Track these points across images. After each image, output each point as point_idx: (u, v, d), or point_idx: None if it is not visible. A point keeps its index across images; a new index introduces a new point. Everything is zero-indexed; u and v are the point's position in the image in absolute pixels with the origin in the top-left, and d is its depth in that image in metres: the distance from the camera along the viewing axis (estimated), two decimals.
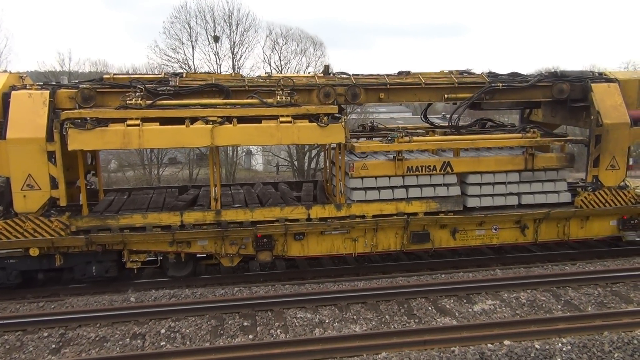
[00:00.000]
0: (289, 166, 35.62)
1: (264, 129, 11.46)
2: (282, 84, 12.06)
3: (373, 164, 12.49)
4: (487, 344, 8.65)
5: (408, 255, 14.03)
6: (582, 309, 10.25)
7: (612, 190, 13.29)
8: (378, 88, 12.78)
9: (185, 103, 11.59)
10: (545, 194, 13.30)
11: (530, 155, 12.95)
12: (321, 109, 11.88)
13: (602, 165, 13.18)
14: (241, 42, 35.00)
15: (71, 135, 10.74)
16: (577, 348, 8.52)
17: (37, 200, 11.14)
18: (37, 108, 11.04)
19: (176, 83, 12.00)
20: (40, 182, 11.08)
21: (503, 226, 13.06)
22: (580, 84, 13.30)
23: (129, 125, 10.97)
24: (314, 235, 12.37)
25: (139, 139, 11.01)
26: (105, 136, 10.91)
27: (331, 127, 11.63)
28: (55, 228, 11.31)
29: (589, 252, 14.25)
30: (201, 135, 11.20)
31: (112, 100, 11.69)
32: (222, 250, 12.06)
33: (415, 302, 10.59)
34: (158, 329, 9.54)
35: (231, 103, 11.73)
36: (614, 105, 13.01)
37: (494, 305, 10.42)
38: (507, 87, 13.10)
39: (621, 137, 13.04)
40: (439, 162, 12.65)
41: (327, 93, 12.31)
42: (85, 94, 11.46)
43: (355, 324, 9.68)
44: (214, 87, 12.06)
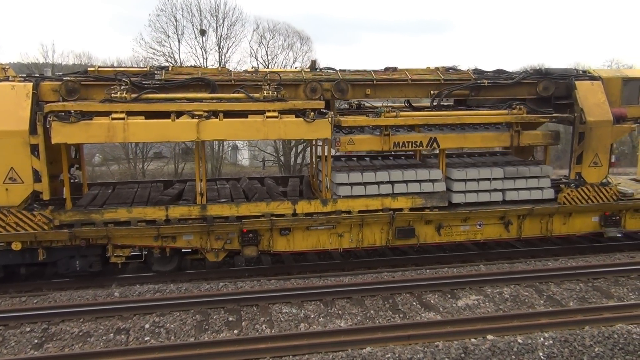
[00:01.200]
0: (275, 161, 35.55)
1: (250, 123, 11.40)
2: (268, 78, 12.02)
3: (360, 139, 12.48)
4: (471, 339, 8.74)
5: (393, 250, 14.09)
6: (564, 304, 10.40)
7: (595, 186, 13.44)
8: (365, 84, 12.79)
9: (171, 97, 11.51)
10: (529, 190, 13.44)
11: (516, 132, 13.01)
12: (308, 104, 11.85)
13: (585, 162, 13.33)
14: (228, 36, 34.79)
15: (55, 128, 10.61)
16: (559, 342, 8.64)
17: (20, 193, 11.01)
18: (20, 100, 10.88)
19: (162, 77, 11.92)
20: (23, 176, 10.94)
21: (487, 222, 13.17)
22: (565, 82, 13.46)
23: (114, 118, 10.85)
24: (300, 231, 12.38)
25: (124, 133, 10.87)
26: (89, 129, 10.77)
27: (317, 123, 11.60)
28: (38, 222, 11.17)
29: (571, 248, 14.47)
30: (187, 130, 11.11)
31: (96, 93, 11.57)
32: (208, 245, 12.02)
33: (400, 297, 10.67)
34: (142, 324, 9.50)
35: (217, 97, 11.68)
36: (597, 103, 13.17)
37: (477, 300, 10.52)
38: (493, 84, 13.20)
39: (604, 135, 13.19)
40: (426, 138, 12.67)
41: (313, 88, 12.31)
42: (69, 87, 11.34)
43: (340, 319, 9.72)
44: (200, 81, 11.99)
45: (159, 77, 11.89)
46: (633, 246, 14.48)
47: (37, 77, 11.82)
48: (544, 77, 13.50)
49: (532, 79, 13.49)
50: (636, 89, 13.86)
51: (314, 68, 13.34)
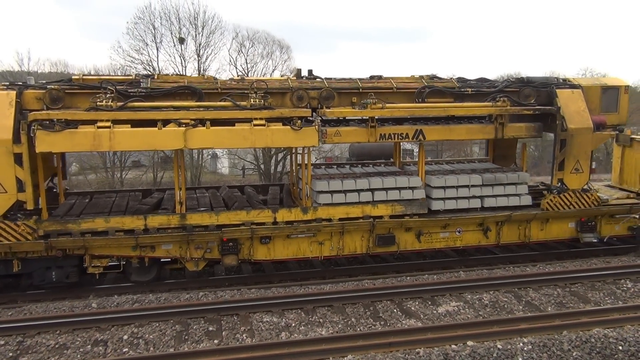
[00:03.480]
0: (256, 169, 35.44)
1: (237, 131, 11.35)
2: (255, 87, 12.00)
3: (346, 131, 12.51)
4: (451, 345, 8.78)
5: (374, 258, 14.12)
6: (542, 309, 10.52)
7: (577, 193, 13.67)
8: (351, 92, 12.83)
9: (157, 105, 11.40)
10: (506, 197, 13.61)
11: (500, 125, 13.17)
12: (295, 112, 11.86)
13: (567, 168, 13.54)
14: (207, 44, 34.71)
15: (39, 137, 10.44)
16: (538, 347, 8.73)
17: (3, 203, 10.83)
18: (3, 109, 10.72)
19: (148, 85, 11.79)
20: (6, 185, 10.76)
21: (466, 229, 13.30)
22: (546, 90, 13.68)
23: (100, 127, 10.72)
24: (281, 239, 12.34)
25: (110, 142, 10.75)
26: (74, 138, 10.63)
27: (305, 131, 11.63)
28: (22, 232, 10.97)
29: (548, 253, 14.66)
30: (174, 138, 11.01)
31: (81, 102, 11.41)
32: (187, 255, 11.92)
33: (381, 304, 10.69)
34: (121, 335, 9.35)
35: (204, 105, 11.62)
36: (578, 111, 13.40)
37: (457, 306, 10.59)
38: (476, 92, 13.36)
39: (585, 142, 13.43)
40: (412, 130, 12.76)
41: (300, 96, 12.31)
42: (53, 95, 11.17)
43: (321, 327, 9.70)
44: (187, 89, 11.92)
45: (145, 86, 11.75)
46: (608, 251, 14.73)
47: (21, 85, 11.65)
48: (526, 85, 13.69)
49: (514, 87, 13.66)
50: (614, 97, 14.15)
51: (300, 76, 13.34)
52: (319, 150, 32.71)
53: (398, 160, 14.88)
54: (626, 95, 14.29)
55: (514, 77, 14.78)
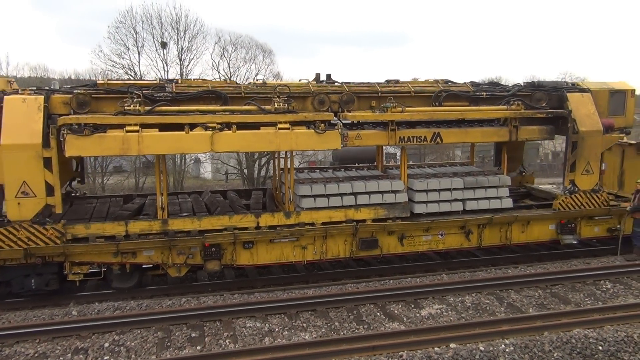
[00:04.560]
0: (239, 174, 35.34)
1: (262, 135, 11.49)
2: (278, 91, 12.11)
3: (367, 134, 12.68)
4: (434, 348, 8.80)
5: (357, 261, 14.14)
6: (523, 310, 10.60)
7: (587, 193, 13.96)
8: (370, 96, 13.02)
9: (184, 109, 11.50)
10: (488, 200, 13.73)
11: (514, 128, 13.44)
12: (318, 116, 12.01)
13: (578, 170, 13.84)
14: (189, 48, 34.63)
15: (69, 141, 10.49)
16: (519, 349, 8.80)
17: (32, 207, 10.84)
18: (32, 113, 10.74)
19: (172, 89, 11.87)
20: (36, 189, 10.79)
21: (449, 232, 13.38)
22: (557, 94, 13.99)
23: (128, 131, 10.79)
24: (263, 244, 12.30)
25: (139, 145, 10.85)
26: (103, 142, 10.72)
27: (328, 134, 11.80)
28: (50, 236, 10.98)
29: (530, 255, 14.81)
30: (201, 142, 11.16)
31: (107, 106, 11.47)
32: (169, 260, 11.82)
33: (365, 308, 10.69)
34: (101, 343, 9.22)
35: (230, 110, 11.71)
36: (588, 114, 13.72)
37: (440, 309, 10.63)
38: (490, 95, 13.64)
39: (595, 144, 13.76)
40: (430, 133, 12.97)
41: (321, 100, 12.43)
42: (80, 100, 11.18)
43: (305, 332, 9.67)
44: (212, 93, 12.00)
45: (170, 90, 11.85)
46: (588, 253, 14.93)
47: (47, 90, 11.65)
48: (537, 89, 14.02)
49: (526, 91, 14.00)
50: (622, 101, 14.51)
51: (319, 80, 13.49)
52: (303, 155, 32.73)
53: (381, 164, 14.94)
54: (632, 99, 14.73)
55: (525, 82, 15.17)
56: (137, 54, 33.46)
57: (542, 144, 44.33)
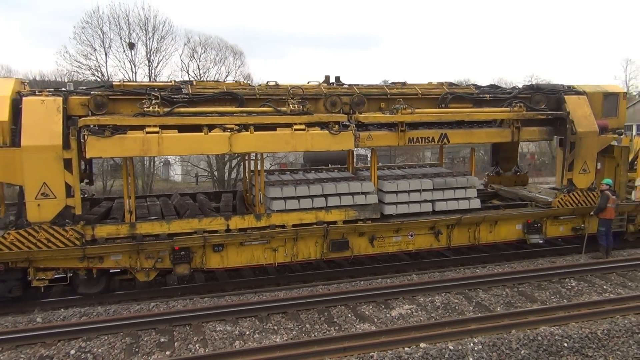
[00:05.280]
0: (209, 176, 35.03)
1: (279, 136, 11.69)
2: (292, 93, 12.33)
3: (378, 135, 12.99)
4: (405, 348, 8.87)
5: (328, 263, 14.17)
6: (491, 309, 10.77)
7: (584, 191, 14.45)
8: (379, 98, 13.35)
9: (202, 111, 11.60)
10: (457, 201, 13.90)
11: (516, 129, 13.91)
12: (332, 117, 12.31)
13: (576, 169, 14.35)
14: (158, 49, 34.21)
15: (90, 142, 10.51)
16: (488, 347, 8.94)
17: (52, 209, 10.80)
18: (52, 115, 10.69)
19: (189, 91, 11.96)
20: (56, 191, 10.75)
21: (418, 232, 13.50)
22: (555, 96, 14.48)
23: (148, 132, 10.86)
24: (234, 246, 12.21)
25: (159, 146, 10.93)
26: (124, 143, 10.75)
27: (342, 135, 12.05)
28: (70, 237, 10.93)
29: (497, 255, 15.06)
30: (219, 143, 11.31)
31: (123, 108, 11.52)
32: (138, 265, 11.62)
33: (336, 309, 10.71)
34: (67, 350, 9.02)
35: (247, 111, 11.88)
36: (585, 115, 14.27)
37: (410, 309, 10.72)
38: (494, 97, 14.11)
39: (591, 144, 14.31)
40: (437, 134, 13.36)
41: (333, 102, 12.70)
42: (98, 101, 11.20)
43: (276, 335, 9.64)
44: (228, 95, 12.15)
45: (186, 92, 11.94)
46: (554, 251, 15.27)
47: (65, 91, 11.61)
48: (536, 92, 14.52)
49: (526, 93, 14.50)
50: (615, 103, 15.11)
51: (329, 82, 13.73)
52: (273, 156, 32.64)
53: (351, 165, 15.00)
54: (624, 101, 15.41)
55: (524, 85, 15.68)
56: (104, 55, 32.93)
57: None
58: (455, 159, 42.94)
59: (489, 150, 18.60)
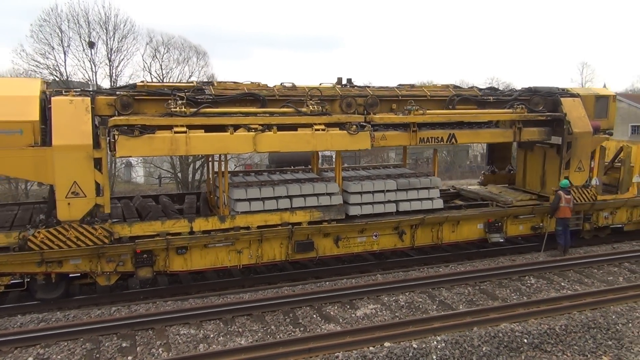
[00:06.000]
0: (172, 178, 34.54)
1: (300, 136, 12.08)
2: (310, 94, 12.66)
3: (391, 135, 13.44)
4: (369, 347, 8.94)
5: (293, 264, 14.15)
6: (454, 307, 10.96)
7: (579, 188, 15.09)
8: (391, 99, 13.70)
9: (227, 111, 11.83)
10: (420, 201, 14.09)
11: (518, 129, 14.48)
12: (350, 118, 12.74)
13: (572, 167, 14.99)
14: (119, 49, 33.59)
15: (120, 142, 10.72)
16: (450, 344, 9.09)
17: (82, 207, 10.88)
18: (81, 114, 10.76)
19: (211, 92, 12.13)
20: (86, 189, 10.83)
21: (383, 233, 13.62)
22: (552, 98, 15.09)
23: (176, 132, 11.09)
24: (198, 249, 12.08)
25: (186, 146, 11.18)
26: (153, 143, 10.97)
27: (360, 135, 12.52)
28: (99, 236, 11.02)
29: (460, 254, 15.31)
30: (244, 142, 11.60)
31: (148, 108, 11.62)
32: (98, 269, 11.37)
33: (301, 310, 10.71)
34: (25, 357, 8.76)
35: (269, 112, 12.18)
36: (580, 117, 14.91)
37: (375, 309, 10.81)
38: (496, 99, 14.73)
39: (586, 144, 15.00)
40: (446, 134, 13.86)
41: (349, 103, 13.00)
42: (124, 101, 11.26)
43: (240, 337, 9.57)
44: (251, 96, 12.34)
45: (209, 93, 12.09)
46: (514, 250, 15.64)
47: (91, 91, 11.72)
48: (535, 94, 15.11)
49: (525, 96, 15.06)
50: (605, 105, 15.87)
51: (341, 84, 14.03)
52: (238, 158, 32.43)
53: (316, 166, 15.02)
54: (614, 103, 16.20)
55: (523, 88, 16.14)
56: (62, 54, 32.11)
57: (472, 146, 45.98)
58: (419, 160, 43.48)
59: (451, 151, 18.97)
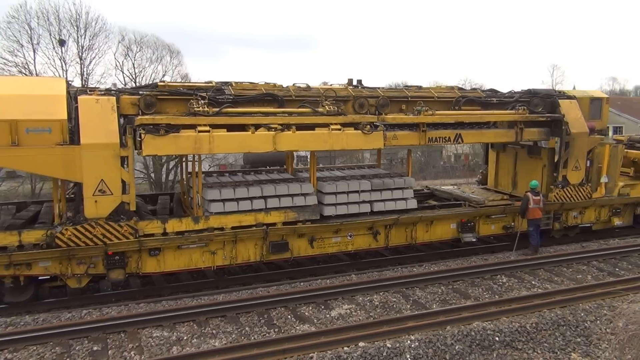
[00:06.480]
0: (145, 178, 34.10)
1: (318, 135, 12.42)
2: (325, 95, 13.02)
3: (402, 135, 13.75)
4: (344, 347, 8.97)
5: (268, 265, 14.10)
6: (427, 307, 11.06)
7: (576, 186, 15.64)
8: (400, 100, 14.02)
9: (248, 111, 12.12)
10: (394, 201, 14.18)
11: (519, 130, 14.95)
12: (364, 118, 13.14)
13: (569, 166, 15.55)
14: (90, 47, 33.05)
15: (147, 141, 10.94)
16: (424, 343, 9.17)
17: (108, 205, 11.02)
18: (107, 114, 10.92)
19: (231, 92, 12.34)
20: (112, 187, 10.97)
21: (357, 233, 13.67)
22: (550, 100, 15.60)
23: (200, 131, 11.32)
24: (171, 250, 11.94)
25: (210, 145, 11.42)
26: (178, 142, 11.23)
27: (374, 135, 12.92)
28: (124, 233, 11.16)
29: (433, 254, 15.45)
30: (265, 141, 11.90)
31: (169, 107, 11.82)
32: (69, 271, 11.15)
33: (275, 311, 10.69)
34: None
35: (288, 112, 12.46)
36: (576, 118, 15.48)
37: (349, 309, 10.85)
38: (499, 101, 15.19)
39: (583, 144, 15.56)
40: (453, 134, 14.30)
41: (361, 104, 13.34)
42: (148, 101, 11.41)
43: (214, 339, 9.51)
44: (269, 96, 12.57)
45: (229, 93, 12.29)
46: (486, 249, 15.85)
47: (115, 91, 11.86)
48: (534, 96, 15.59)
49: (526, 97, 15.54)
50: (599, 107, 16.57)
51: (352, 85, 14.26)
52: (212, 158, 32.18)
53: (290, 167, 15.01)
54: (607, 105, 16.92)
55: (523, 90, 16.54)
56: (32, 52, 31.47)
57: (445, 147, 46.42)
58: (393, 160, 43.73)
59: (425, 152, 19.18)
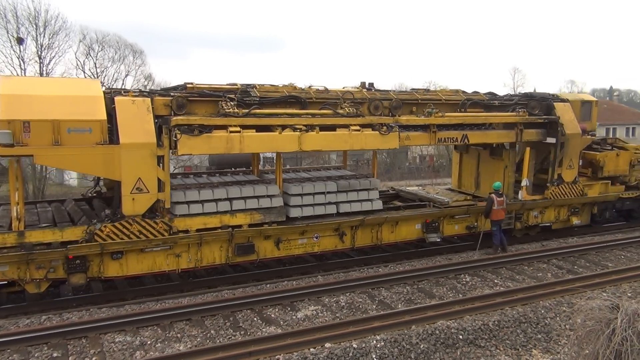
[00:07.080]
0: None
1: (340, 136, 12.96)
2: (343, 97, 13.58)
3: (414, 135, 14.52)
4: (310, 349, 8.98)
5: (234, 267, 13.98)
6: (393, 306, 11.16)
7: (569, 184, 16.56)
8: (411, 102, 14.69)
9: (274, 112, 12.56)
10: (360, 203, 14.26)
11: (520, 131, 15.72)
12: (381, 120, 13.71)
13: (564, 165, 16.44)
14: (50, 45, 32.23)
15: (182, 141, 11.32)
16: (390, 343, 9.25)
17: (145, 202, 11.42)
18: (143, 114, 11.31)
19: (256, 94, 12.79)
20: (149, 185, 11.37)
21: (323, 234, 13.70)
22: (546, 103, 16.50)
23: (231, 131, 11.74)
24: (134, 253, 11.73)
25: (240, 144, 11.86)
26: (211, 142, 11.62)
27: (390, 135, 13.51)
28: (159, 229, 11.57)
29: (399, 254, 15.60)
30: (291, 141, 12.34)
31: (198, 108, 12.20)
32: (27, 276, 10.84)
33: (241, 314, 10.63)
34: None
35: (311, 113, 12.98)
36: (570, 120, 16.43)
37: (316, 310, 10.86)
38: (501, 103, 16.10)
39: (576, 144, 16.53)
40: (460, 135, 15.00)
41: (376, 106, 13.90)
42: (179, 102, 11.81)
43: (179, 343, 9.39)
44: (293, 98, 13.09)
45: (254, 95, 12.76)
46: (450, 249, 16.10)
47: (148, 92, 12.22)
48: (531, 99, 16.55)
49: (524, 100, 16.52)
50: (589, 109, 17.62)
51: (365, 88, 14.72)
52: (177, 160, 31.77)
53: (256, 168, 14.93)
54: (596, 107, 17.96)
55: (521, 93, 17.33)
56: None
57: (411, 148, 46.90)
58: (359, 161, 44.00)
59: (391, 153, 19.44)
